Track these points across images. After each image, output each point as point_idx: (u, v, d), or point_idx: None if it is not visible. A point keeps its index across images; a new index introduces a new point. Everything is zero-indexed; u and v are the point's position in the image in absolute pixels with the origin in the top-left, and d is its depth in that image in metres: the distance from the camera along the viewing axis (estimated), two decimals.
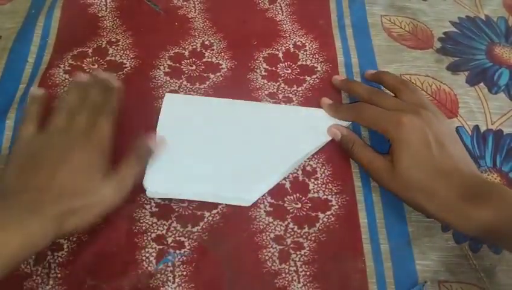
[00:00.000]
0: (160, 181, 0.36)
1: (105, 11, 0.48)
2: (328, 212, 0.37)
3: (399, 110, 0.36)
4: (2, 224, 0.28)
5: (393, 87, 0.39)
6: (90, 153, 0.33)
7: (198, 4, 0.49)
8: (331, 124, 0.40)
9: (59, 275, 0.33)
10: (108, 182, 0.33)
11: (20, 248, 0.28)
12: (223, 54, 0.46)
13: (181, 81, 0.43)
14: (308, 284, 0.34)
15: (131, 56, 0.45)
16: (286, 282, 0.34)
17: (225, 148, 0.39)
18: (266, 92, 0.43)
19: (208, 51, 0.46)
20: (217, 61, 0.45)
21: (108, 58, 0.44)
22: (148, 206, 0.36)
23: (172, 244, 0.35)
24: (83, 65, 0.44)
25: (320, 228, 0.36)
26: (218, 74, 0.44)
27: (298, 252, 0.35)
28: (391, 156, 0.35)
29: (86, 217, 0.31)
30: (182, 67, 0.44)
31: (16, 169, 0.32)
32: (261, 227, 0.36)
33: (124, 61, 0.44)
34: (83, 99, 0.37)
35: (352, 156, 0.38)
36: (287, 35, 0.47)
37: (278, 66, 0.45)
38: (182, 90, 0.43)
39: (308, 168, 0.39)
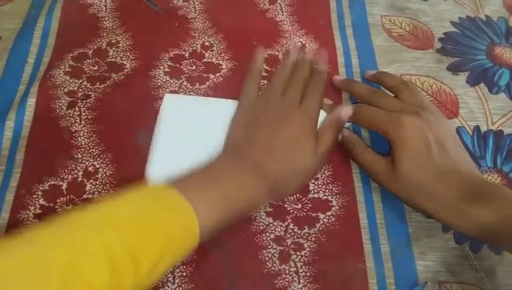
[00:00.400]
0: (160, 182, 0.36)
1: (105, 12, 0.48)
2: (329, 213, 0.37)
3: (399, 111, 0.36)
4: (236, 185, 0.32)
5: (394, 87, 0.39)
6: (303, 124, 0.36)
7: (198, 5, 0.49)
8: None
9: None
10: (316, 153, 0.35)
11: (241, 211, 0.32)
12: (223, 54, 0.46)
13: (181, 81, 0.43)
14: (309, 285, 0.34)
15: (132, 57, 0.45)
16: (286, 283, 0.34)
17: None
18: None
19: (208, 51, 0.46)
20: (217, 61, 0.45)
21: (108, 59, 0.44)
22: None
23: None
24: (83, 66, 0.44)
25: (320, 228, 0.36)
26: (218, 74, 0.44)
27: (298, 253, 0.35)
28: (392, 157, 0.35)
29: (294, 186, 0.36)
30: (182, 67, 0.44)
31: (242, 129, 0.37)
32: (261, 228, 0.36)
33: (124, 62, 0.44)
34: (295, 74, 0.40)
35: (353, 157, 0.38)
36: (287, 35, 0.47)
37: (278, 66, 0.45)
38: (181, 90, 0.43)
39: None
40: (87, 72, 0.43)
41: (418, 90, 0.39)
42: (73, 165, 0.38)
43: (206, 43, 0.46)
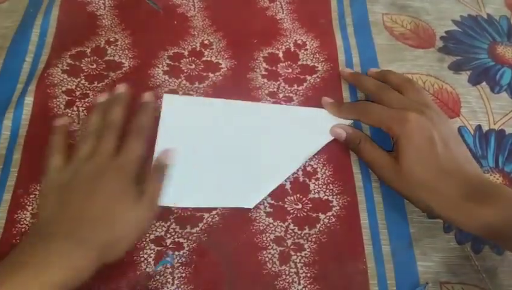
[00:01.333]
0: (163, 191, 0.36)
1: (104, 10, 0.48)
2: (329, 213, 0.37)
3: (404, 108, 0.36)
4: (46, 258, 0.28)
5: (399, 85, 0.39)
6: (119, 179, 0.33)
7: (197, 2, 0.49)
8: (332, 124, 0.40)
9: None
10: (141, 205, 0.33)
11: (65, 282, 0.28)
12: (222, 53, 0.45)
13: (180, 80, 0.43)
14: (309, 286, 0.34)
15: (130, 56, 0.44)
16: (286, 284, 0.34)
17: (226, 151, 0.38)
18: (266, 92, 0.43)
19: (208, 50, 0.45)
20: (217, 60, 0.45)
21: (106, 58, 0.44)
22: None
23: (171, 245, 0.35)
24: (82, 65, 0.43)
25: (321, 229, 0.36)
26: (218, 73, 0.44)
27: (299, 254, 0.35)
28: (395, 153, 0.35)
29: (127, 244, 0.32)
30: (181, 66, 0.44)
31: (50, 203, 0.32)
32: (261, 228, 0.36)
33: (123, 61, 0.44)
34: (105, 121, 0.36)
35: (359, 153, 0.38)
36: (288, 33, 0.47)
37: (279, 65, 0.45)
38: (181, 89, 0.42)
39: (308, 168, 0.39)
40: (86, 70, 0.43)
41: (422, 89, 0.39)
42: None
43: (206, 42, 0.46)
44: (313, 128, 0.40)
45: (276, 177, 0.37)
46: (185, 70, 0.44)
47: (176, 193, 0.36)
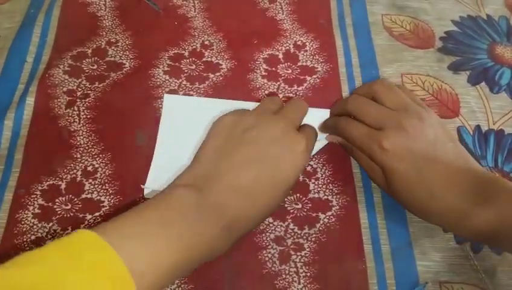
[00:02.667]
0: (161, 183, 0.36)
1: (104, 11, 0.48)
2: (329, 213, 0.37)
3: (381, 126, 0.34)
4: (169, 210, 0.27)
5: (369, 94, 0.37)
6: (283, 127, 0.33)
7: (197, 3, 0.49)
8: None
9: None
10: (302, 150, 0.33)
11: (190, 246, 0.27)
12: (222, 53, 0.45)
13: (180, 80, 0.43)
14: (309, 285, 0.34)
15: (131, 56, 0.44)
16: (286, 283, 0.34)
17: None
18: (266, 92, 0.43)
19: (208, 50, 0.45)
20: (217, 60, 0.45)
21: (107, 58, 0.44)
22: None
23: None
24: (83, 66, 0.43)
25: (320, 228, 0.36)
26: (218, 73, 0.44)
27: (298, 253, 0.35)
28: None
29: (288, 184, 0.32)
30: (182, 66, 0.44)
31: (212, 151, 0.32)
32: (261, 227, 0.36)
33: (124, 61, 0.44)
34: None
35: (354, 158, 0.38)
36: (287, 34, 0.47)
37: (278, 66, 0.45)
38: (181, 89, 0.43)
39: (308, 168, 0.39)
40: (86, 71, 0.43)
41: (394, 87, 0.37)
42: (72, 165, 0.38)
43: (206, 42, 0.46)
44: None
45: None
46: (186, 71, 0.44)
47: None
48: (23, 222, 0.35)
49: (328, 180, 0.38)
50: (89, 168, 0.38)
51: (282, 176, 0.32)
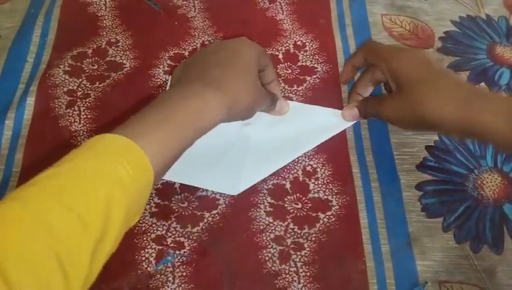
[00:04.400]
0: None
1: (105, 11, 0.48)
2: (329, 213, 0.37)
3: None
4: (182, 97, 0.31)
5: (366, 58, 0.39)
6: (253, 57, 0.36)
7: (198, 3, 0.49)
8: (327, 124, 0.40)
9: None
10: (259, 86, 0.36)
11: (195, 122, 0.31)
12: None
13: None
14: (309, 285, 0.34)
15: (131, 57, 0.45)
16: (286, 283, 0.34)
17: (221, 139, 0.38)
18: None
19: None
20: None
21: (108, 58, 0.44)
22: (148, 207, 0.36)
23: (172, 244, 0.35)
24: (83, 66, 0.44)
25: (320, 228, 0.36)
26: None
27: (298, 253, 0.35)
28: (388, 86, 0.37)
29: (245, 104, 0.34)
30: None
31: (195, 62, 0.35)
32: (261, 227, 0.36)
33: (124, 61, 0.44)
34: None
35: (375, 115, 0.38)
36: (287, 34, 0.47)
37: (278, 66, 0.45)
38: None
39: (308, 168, 0.39)
40: (87, 71, 0.43)
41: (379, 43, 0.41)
42: None
43: (206, 42, 0.46)
44: (309, 125, 0.40)
45: (265, 169, 0.38)
46: None
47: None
48: None
49: (328, 180, 0.38)
50: None
51: (243, 64, 0.35)
